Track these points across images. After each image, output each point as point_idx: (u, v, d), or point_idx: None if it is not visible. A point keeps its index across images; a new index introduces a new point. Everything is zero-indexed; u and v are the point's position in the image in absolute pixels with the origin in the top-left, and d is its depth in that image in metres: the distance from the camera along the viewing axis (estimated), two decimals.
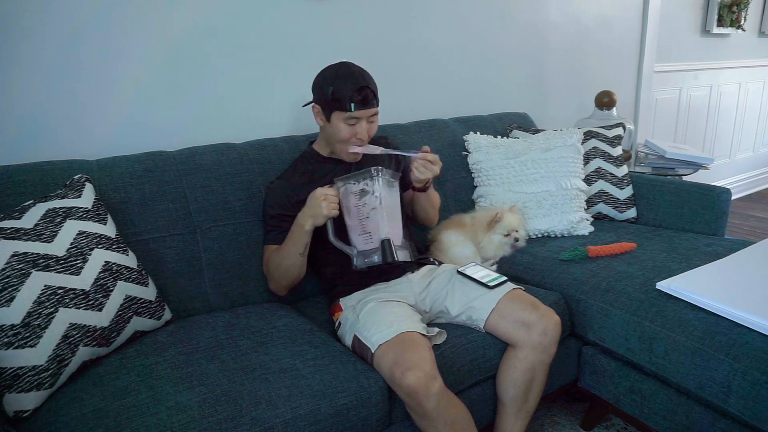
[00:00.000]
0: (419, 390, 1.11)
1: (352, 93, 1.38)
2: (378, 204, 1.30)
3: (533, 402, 1.37)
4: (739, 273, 1.45)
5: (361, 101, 1.39)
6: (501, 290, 1.37)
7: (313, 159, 1.55)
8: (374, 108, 1.44)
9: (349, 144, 1.45)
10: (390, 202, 1.34)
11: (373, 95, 1.42)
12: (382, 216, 1.30)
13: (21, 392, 1.00)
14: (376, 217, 1.31)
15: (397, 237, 1.34)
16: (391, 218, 1.33)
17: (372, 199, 1.31)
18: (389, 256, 1.29)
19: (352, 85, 1.38)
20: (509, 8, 2.40)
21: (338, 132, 1.43)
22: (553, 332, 1.31)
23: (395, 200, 1.38)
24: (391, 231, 1.32)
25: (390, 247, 1.29)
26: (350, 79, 1.39)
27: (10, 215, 1.14)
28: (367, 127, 1.45)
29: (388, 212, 1.31)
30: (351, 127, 1.43)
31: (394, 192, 1.37)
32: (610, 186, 2.01)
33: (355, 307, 1.36)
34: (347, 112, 1.39)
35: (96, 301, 1.14)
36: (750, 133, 4.19)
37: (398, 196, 1.40)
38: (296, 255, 1.38)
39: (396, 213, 1.37)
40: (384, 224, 1.31)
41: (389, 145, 1.62)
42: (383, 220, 1.30)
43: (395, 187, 1.38)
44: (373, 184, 1.31)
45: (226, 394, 1.05)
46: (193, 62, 1.67)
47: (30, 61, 1.43)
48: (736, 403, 1.18)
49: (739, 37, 3.77)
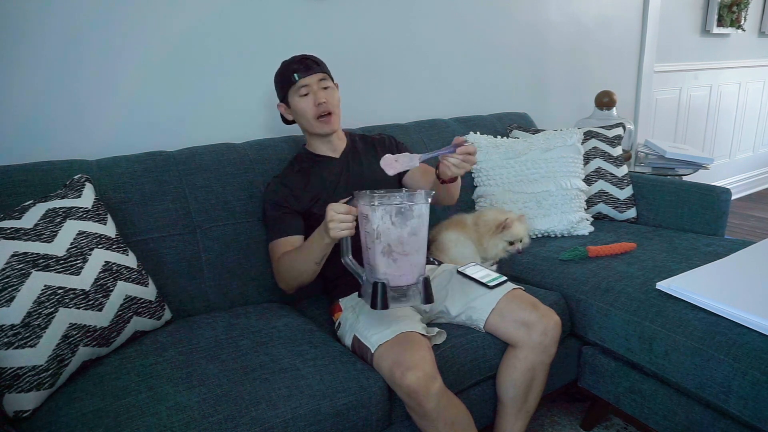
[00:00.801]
0: (419, 390, 1.11)
1: (293, 65, 1.45)
2: (375, 238, 1.08)
3: (533, 402, 1.37)
4: (739, 273, 1.45)
5: (304, 68, 1.44)
6: (501, 290, 1.37)
7: (306, 158, 1.56)
8: (318, 73, 1.46)
9: (314, 115, 1.46)
10: (398, 236, 1.08)
11: (314, 63, 1.47)
12: (377, 252, 1.09)
13: (21, 392, 1.00)
14: (373, 251, 1.10)
15: (404, 277, 1.11)
16: (397, 255, 1.09)
17: (371, 229, 1.09)
18: (377, 303, 1.09)
19: (294, 59, 1.47)
20: (509, 8, 2.40)
21: (299, 109, 1.46)
22: (553, 332, 1.31)
23: (411, 231, 1.10)
24: (393, 271, 1.10)
25: (381, 294, 1.09)
26: (290, 58, 1.49)
27: (10, 215, 1.14)
28: (324, 94, 1.45)
29: (394, 248, 1.09)
30: (306, 98, 1.45)
31: (410, 221, 1.09)
32: (610, 186, 2.01)
33: (354, 307, 1.35)
34: (294, 84, 1.44)
35: (96, 301, 1.14)
36: (750, 133, 4.19)
37: (420, 225, 1.11)
38: (311, 263, 1.31)
39: (411, 248, 1.10)
40: (380, 262, 1.09)
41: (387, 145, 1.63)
42: (379, 258, 1.09)
43: (415, 213, 1.09)
44: (372, 212, 1.08)
45: (226, 394, 1.05)
46: (193, 62, 1.67)
47: (30, 61, 1.43)
48: (736, 403, 1.18)
49: (739, 37, 3.77)
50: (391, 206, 1.07)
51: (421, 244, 1.12)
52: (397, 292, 1.10)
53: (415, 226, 1.09)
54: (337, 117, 1.51)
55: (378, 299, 1.08)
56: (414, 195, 1.09)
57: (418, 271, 1.13)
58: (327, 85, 1.47)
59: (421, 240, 1.11)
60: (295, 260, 1.35)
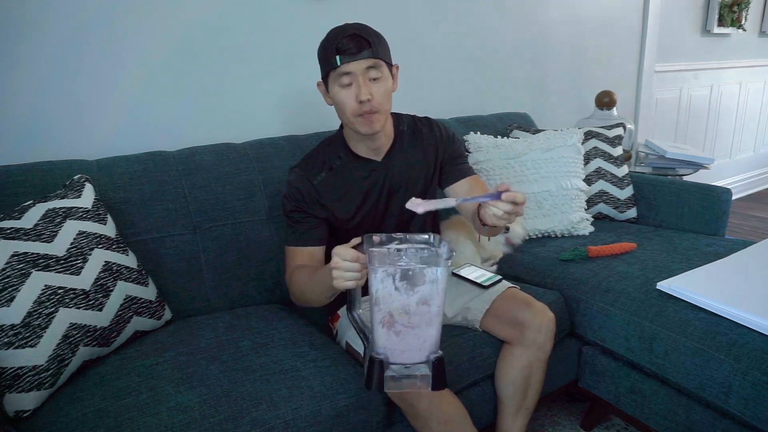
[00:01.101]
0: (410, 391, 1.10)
1: (337, 42, 1.12)
2: (374, 306, 0.89)
3: (532, 399, 1.36)
4: (740, 273, 1.45)
5: (349, 50, 1.12)
6: (495, 290, 1.37)
7: (341, 151, 1.31)
8: (368, 58, 1.13)
9: (354, 112, 1.16)
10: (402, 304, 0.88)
11: (366, 42, 1.12)
12: (377, 324, 0.90)
13: (21, 392, 1.00)
14: (372, 319, 0.91)
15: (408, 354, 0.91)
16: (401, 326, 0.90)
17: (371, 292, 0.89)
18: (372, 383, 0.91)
19: (339, 34, 1.13)
20: (509, 8, 2.39)
21: (338, 100, 1.18)
22: (547, 329, 1.30)
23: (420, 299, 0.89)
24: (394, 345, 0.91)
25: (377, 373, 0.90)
26: (338, 30, 1.15)
27: (10, 215, 1.14)
28: (368, 86, 1.15)
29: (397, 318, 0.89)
30: (347, 89, 1.15)
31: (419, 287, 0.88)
32: (610, 186, 2.01)
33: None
34: (336, 68, 1.13)
35: (96, 301, 1.14)
36: (750, 133, 4.19)
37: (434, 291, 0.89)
38: (321, 297, 1.15)
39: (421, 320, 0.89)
40: (379, 335, 0.90)
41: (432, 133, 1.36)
42: (377, 328, 0.90)
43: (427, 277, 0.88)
44: (371, 273, 0.88)
45: (227, 394, 1.05)
46: (193, 62, 1.67)
47: (30, 61, 1.43)
48: (737, 403, 1.18)
49: (739, 37, 3.77)
50: (395, 268, 0.86)
51: (434, 315, 0.90)
52: (398, 371, 0.91)
53: (426, 293, 0.88)
54: (385, 114, 1.22)
55: (373, 378, 0.89)
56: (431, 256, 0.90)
57: (429, 347, 0.92)
58: (377, 76, 1.16)
59: (434, 310, 0.89)
60: (305, 287, 1.19)
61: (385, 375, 0.90)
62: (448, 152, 1.39)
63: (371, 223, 1.34)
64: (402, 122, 1.37)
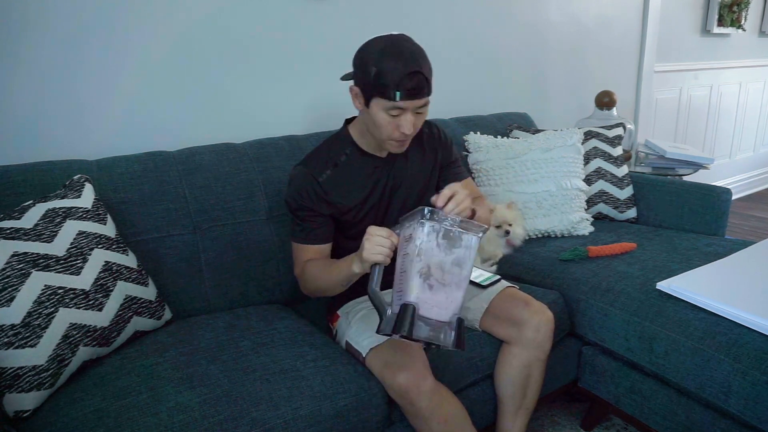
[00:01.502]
0: (410, 389, 1.11)
1: (399, 79, 1.11)
2: (415, 255, 0.98)
3: (532, 399, 1.36)
4: (740, 273, 1.45)
5: (410, 90, 1.12)
6: (494, 289, 1.37)
7: (347, 147, 1.32)
8: (425, 98, 1.17)
9: (390, 137, 1.21)
10: (440, 261, 0.99)
11: (425, 82, 1.15)
12: (415, 271, 0.98)
13: (21, 392, 1.00)
14: (409, 272, 0.99)
15: (437, 310, 1.00)
16: (434, 281, 0.99)
17: (411, 248, 0.99)
18: (402, 326, 0.95)
19: (402, 69, 1.11)
20: (509, 8, 2.39)
21: (378, 122, 1.19)
22: (545, 328, 1.31)
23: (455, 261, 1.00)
24: (427, 298, 0.99)
25: (409, 317, 0.95)
26: (399, 61, 1.11)
27: (10, 215, 1.14)
28: (412, 120, 1.18)
29: (433, 272, 0.98)
30: (393, 118, 1.17)
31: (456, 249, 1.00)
32: (610, 186, 2.01)
33: (348, 313, 1.35)
34: (391, 101, 1.14)
35: (96, 301, 1.14)
36: (750, 133, 4.19)
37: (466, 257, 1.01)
38: (338, 285, 1.20)
39: (451, 280, 1.00)
40: (415, 283, 0.97)
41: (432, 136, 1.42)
42: (415, 279, 0.98)
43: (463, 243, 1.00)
44: (417, 228, 0.98)
45: (227, 394, 1.05)
46: (193, 62, 1.67)
47: (30, 61, 1.43)
48: (737, 403, 1.18)
49: (739, 37, 3.77)
50: (441, 225, 0.98)
51: (463, 278, 1.01)
52: (425, 322, 0.98)
53: (461, 256, 1.00)
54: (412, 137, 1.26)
55: (406, 322, 0.95)
56: (469, 223, 1.01)
57: (453, 309, 1.02)
58: (423, 111, 1.20)
59: (464, 274, 1.01)
60: (320, 278, 1.24)
61: (415, 321, 0.96)
62: (447, 155, 1.43)
63: (374, 218, 1.35)
64: None
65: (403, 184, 1.36)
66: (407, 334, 0.95)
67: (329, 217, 1.30)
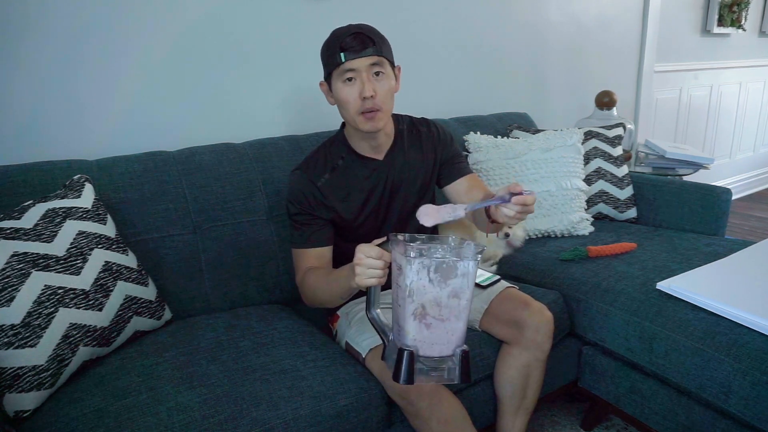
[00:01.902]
0: (410, 389, 1.10)
1: (341, 41, 1.15)
2: (406, 295, 0.90)
3: (531, 399, 1.36)
4: (740, 273, 1.45)
5: (353, 48, 1.14)
6: (493, 290, 1.37)
7: (343, 151, 1.33)
8: (372, 55, 1.16)
9: (357, 109, 1.18)
10: (435, 298, 0.90)
11: (370, 41, 1.15)
12: (407, 313, 0.91)
13: (21, 392, 1.00)
14: (403, 311, 0.92)
15: (436, 347, 0.93)
16: (431, 319, 0.91)
17: (404, 284, 0.90)
18: (401, 375, 0.91)
19: (345, 32, 1.16)
20: (509, 8, 2.39)
21: (341, 97, 1.18)
22: (545, 329, 1.30)
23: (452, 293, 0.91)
24: (424, 338, 0.92)
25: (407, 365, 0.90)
26: (342, 30, 1.19)
27: (10, 215, 1.14)
28: (372, 83, 1.16)
29: (429, 310, 0.91)
30: (351, 85, 1.17)
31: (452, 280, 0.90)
32: (610, 186, 2.01)
33: (348, 314, 1.35)
34: (340, 65, 1.15)
35: (96, 301, 1.14)
36: (750, 133, 4.19)
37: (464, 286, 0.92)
38: (337, 298, 1.18)
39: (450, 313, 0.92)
40: (410, 326, 0.91)
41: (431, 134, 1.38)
42: (409, 321, 0.91)
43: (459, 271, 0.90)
44: (406, 265, 0.89)
45: (227, 394, 1.05)
46: (193, 62, 1.67)
47: (30, 61, 1.43)
48: (737, 403, 1.18)
49: (739, 37, 3.77)
50: (431, 260, 0.88)
51: (463, 308, 0.92)
52: (427, 364, 0.93)
53: (457, 286, 0.90)
54: (387, 113, 1.23)
55: (402, 370, 0.90)
56: (462, 248, 0.91)
57: (456, 341, 0.94)
58: (380, 71, 1.18)
59: (463, 304, 0.92)
60: (318, 289, 1.21)
61: (415, 367, 0.91)
62: (447, 152, 1.41)
63: (374, 221, 1.35)
64: (401, 122, 1.39)
65: (402, 185, 1.36)
66: (408, 383, 0.91)
67: (329, 221, 1.30)
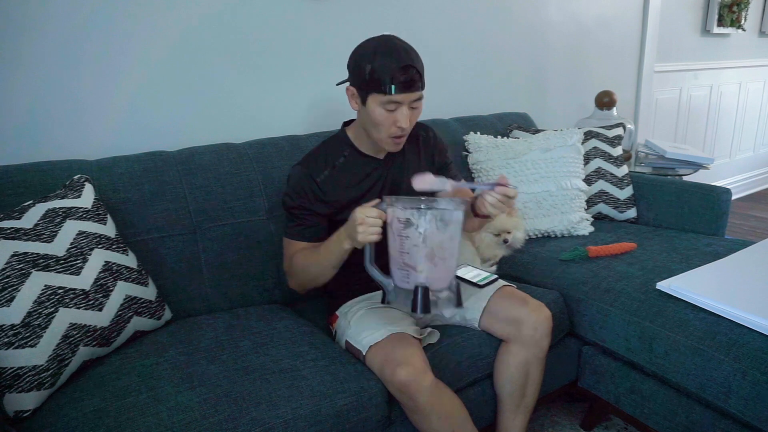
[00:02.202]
0: (411, 384, 1.11)
1: (393, 72, 1.18)
2: (420, 242, 1.07)
3: (531, 397, 1.37)
4: (740, 273, 1.45)
5: (404, 83, 1.19)
6: (491, 288, 1.37)
7: (346, 149, 1.36)
8: (418, 92, 1.24)
9: (389, 134, 1.26)
10: (440, 241, 1.09)
11: (418, 75, 1.22)
12: (422, 256, 1.08)
13: (21, 392, 1.00)
14: (416, 256, 1.08)
15: (440, 282, 1.11)
16: (437, 259, 1.09)
17: (415, 234, 1.08)
18: (420, 306, 1.08)
19: (395, 64, 1.18)
20: (509, 8, 2.39)
21: (375, 118, 1.24)
22: (543, 326, 1.31)
23: (450, 236, 1.10)
24: (433, 274, 1.10)
25: (424, 297, 1.08)
26: (392, 56, 1.19)
27: (10, 215, 1.14)
28: (408, 114, 1.24)
29: (436, 252, 1.08)
30: (390, 113, 1.23)
31: (449, 226, 1.09)
32: (610, 186, 2.01)
33: (347, 313, 1.35)
34: (386, 95, 1.20)
35: (96, 301, 1.14)
36: (750, 133, 4.19)
37: (457, 230, 1.10)
38: (329, 268, 1.25)
39: (448, 253, 1.11)
40: (423, 266, 1.08)
41: (429, 143, 1.47)
42: (423, 261, 1.08)
43: (454, 219, 1.09)
44: (419, 217, 1.07)
45: (227, 394, 1.05)
46: (193, 62, 1.67)
47: (30, 61, 1.43)
48: (737, 403, 1.18)
49: (739, 37, 3.77)
50: (437, 211, 1.07)
51: (456, 248, 1.12)
52: (434, 296, 1.10)
53: (452, 231, 1.10)
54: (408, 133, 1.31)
55: (419, 303, 1.08)
56: (452, 201, 1.09)
57: (450, 277, 1.14)
58: (418, 106, 1.26)
59: (455, 246, 1.12)
60: (311, 264, 1.27)
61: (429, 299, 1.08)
62: (442, 158, 1.48)
63: None
64: None
65: (401, 184, 1.38)
66: (425, 312, 1.08)
67: (324, 217, 1.33)
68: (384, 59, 1.19)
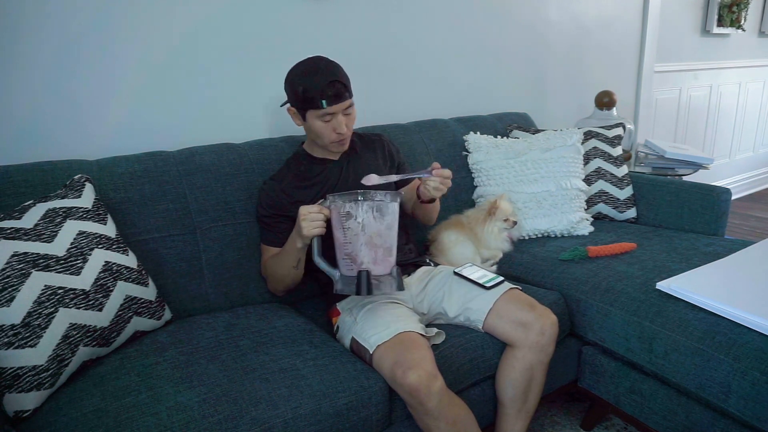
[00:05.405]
0: (421, 389, 1.11)
1: (322, 89, 1.34)
2: (360, 231, 1.20)
3: (533, 402, 1.37)
4: (739, 273, 1.45)
5: (333, 96, 1.35)
6: (498, 290, 1.37)
7: (304, 159, 1.54)
8: (347, 100, 1.39)
9: (331, 139, 1.43)
10: (377, 229, 1.21)
11: (344, 87, 1.38)
12: (361, 244, 1.20)
13: (21, 392, 1.00)
14: (356, 244, 1.21)
15: (381, 267, 1.23)
16: (376, 246, 1.22)
17: (355, 224, 1.20)
18: (363, 289, 1.19)
19: (322, 81, 1.34)
20: (509, 8, 2.40)
21: (316, 130, 1.41)
22: (550, 332, 1.31)
23: (387, 225, 1.23)
24: (374, 261, 1.22)
25: (366, 281, 1.19)
26: (318, 75, 1.35)
27: (10, 215, 1.14)
28: (344, 120, 1.41)
29: (374, 239, 1.21)
30: (328, 123, 1.40)
31: (386, 216, 1.22)
32: (610, 186, 2.01)
33: (351, 309, 1.36)
34: (321, 109, 1.36)
35: (96, 301, 1.14)
36: (750, 133, 4.20)
37: (394, 220, 1.24)
38: (289, 268, 1.38)
39: (386, 240, 1.23)
40: (364, 254, 1.21)
41: (384, 145, 1.63)
42: (363, 249, 1.20)
43: (390, 210, 1.23)
44: (357, 208, 1.20)
45: (227, 393, 1.05)
46: (193, 62, 1.67)
47: (30, 61, 1.43)
48: (736, 403, 1.18)
49: (739, 37, 3.77)
50: (373, 202, 1.20)
51: (393, 238, 1.25)
52: (376, 279, 1.21)
53: (389, 221, 1.23)
54: (350, 136, 1.48)
55: (363, 286, 1.19)
56: (387, 194, 1.22)
57: (391, 263, 1.25)
58: (350, 112, 1.43)
59: (393, 234, 1.25)
60: (275, 266, 1.43)
61: (371, 282, 1.19)
62: (398, 159, 1.65)
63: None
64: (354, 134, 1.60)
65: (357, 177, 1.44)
66: (369, 294, 1.20)
67: (293, 219, 1.37)
68: (312, 78, 1.35)
